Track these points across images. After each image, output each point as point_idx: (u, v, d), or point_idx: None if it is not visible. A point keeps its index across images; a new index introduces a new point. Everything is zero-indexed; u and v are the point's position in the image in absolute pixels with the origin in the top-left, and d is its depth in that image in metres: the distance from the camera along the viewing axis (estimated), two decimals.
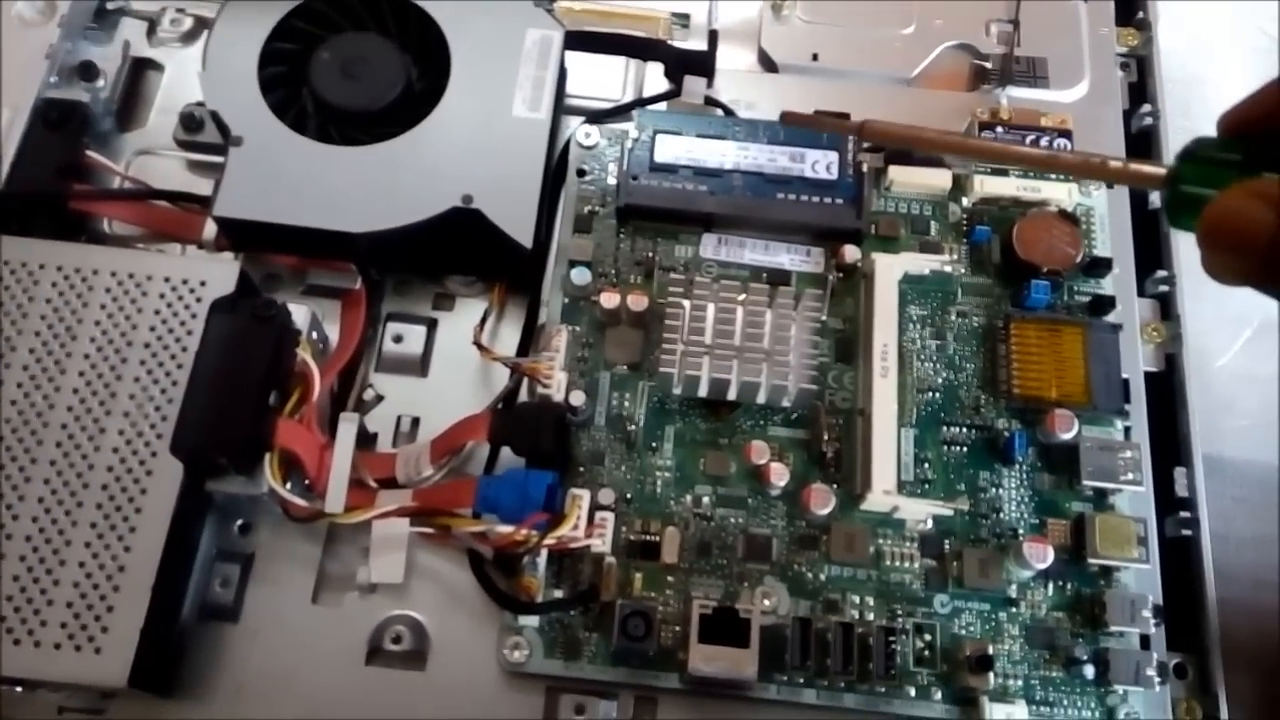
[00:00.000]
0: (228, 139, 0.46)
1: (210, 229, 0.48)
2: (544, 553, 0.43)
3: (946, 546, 0.45)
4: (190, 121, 0.51)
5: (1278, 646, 0.46)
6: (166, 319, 0.42)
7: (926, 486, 0.46)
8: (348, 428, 0.43)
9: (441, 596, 0.44)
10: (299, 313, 0.44)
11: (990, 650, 0.41)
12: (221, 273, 0.44)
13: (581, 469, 0.46)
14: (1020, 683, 0.43)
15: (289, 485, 0.42)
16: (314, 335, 0.45)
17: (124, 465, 0.40)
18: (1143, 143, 0.56)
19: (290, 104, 0.48)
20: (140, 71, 0.54)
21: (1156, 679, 0.42)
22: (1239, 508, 0.49)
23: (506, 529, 0.41)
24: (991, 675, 0.41)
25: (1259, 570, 0.48)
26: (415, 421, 0.47)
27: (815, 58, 0.57)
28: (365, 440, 0.46)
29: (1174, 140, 0.55)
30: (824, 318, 0.47)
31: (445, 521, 0.42)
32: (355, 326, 0.47)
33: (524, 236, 0.46)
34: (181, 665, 0.42)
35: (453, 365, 0.48)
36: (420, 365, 0.48)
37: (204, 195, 0.47)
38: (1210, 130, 0.31)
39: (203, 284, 0.43)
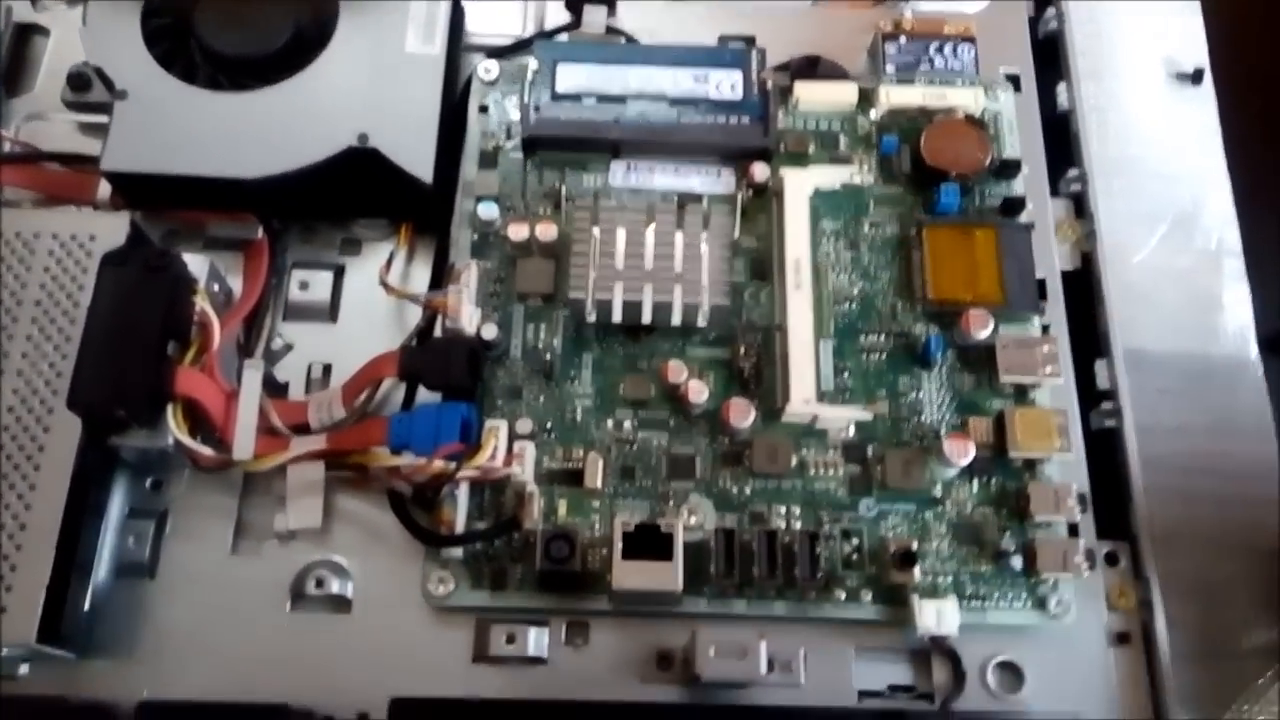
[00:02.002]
0: (113, 92, 0.45)
1: (104, 189, 0.47)
2: (464, 486, 0.42)
3: (870, 452, 0.45)
4: (78, 81, 0.49)
5: (1208, 530, 0.46)
6: (56, 275, 0.41)
7: (847, 395, 0.46)
8: (252, 374, 0.42)
9: (363, 538, 0.43)
10: (195, 262, 0.43)
11: (914, 546, 0.41)
12: (111, 226, 0.43)
13: (499, 402, 0.45)
14: (950, 579, 0.43)
15: (199, 439, 0.41)
16: (214, 287, 0.44)
17: (20, 424, 0.39)
18: (1049, 48, 0.56)
19: (178, 55, 0.47)
20: (26, 37, 0.52)
21: (1085, 565, 0.42)
22: (1163, 398, 0.49)
23: (419, 461, 0.40)
24: (917, 570, 0.41)
25: (1186, 458, 0.48)
26: (327, 369, 0.47)
27: None
28: (276, 389, 0.46)
29: (1082, 45, 0.55)
30: (735, 234, 0.47)
31: (359, 459, 0.41)
32: (258, 275, 0.46)
33: (423, 172, 0.45)
34: (98, 625, 0.41)
35: (363, 310, 0.48)
36: (329, 311, 0.48)
37: (95, 155, 0.46)
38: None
39: (92, 238, 0.42)
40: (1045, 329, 0.47)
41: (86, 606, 0.40)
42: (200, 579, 0.42)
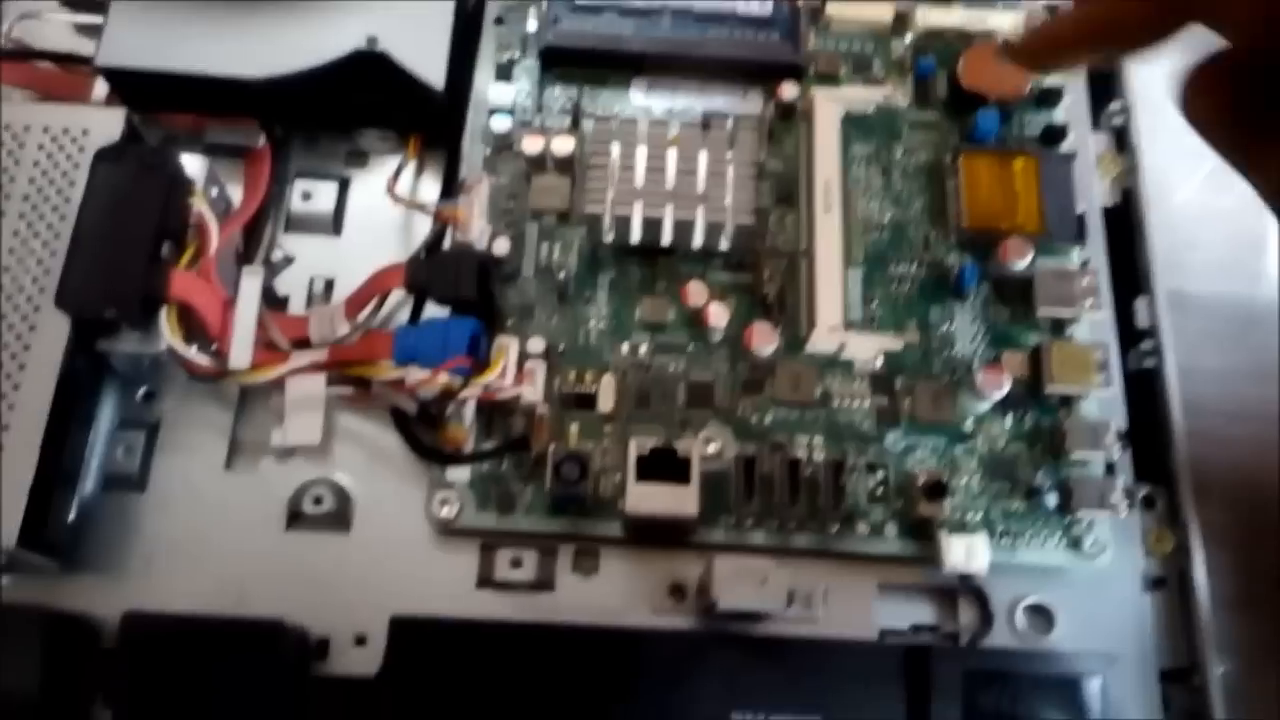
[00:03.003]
0: None
1: (100, 90, 0.45)
2: (471, 404, 0.40)
3: (898, 384, 0.42)
4: None
5: (1249, 477, 0.44)
6: (47, 170, 0.39)
7: (875, 325, 0.43)
8: (251, 280, 0.40)
9: (364, 457, 0.41)
10: (192, 162, 0.41)
11: (944, 478, 0.39)
12: (106, 121, 0.40)
13: (510, 321, 0.43)
14: (980, 515, 0.41)
15: (194, 348, 0.39)
16: (213, 191, 0.42)
17: (4, 321, 0.37)
18: None
19: None
20: None
21: (1124, 503, 0.40)
22: (1206, 341, 0.46)
23: (425, 373, 0.38)
24: (947, 503, 0.39)
25: (1227, 402, 0.45)
26: (329, 284, 0.44)
27: None
28: (276, 304, 0.44)
29: None
30: (762, 156, 0.45)
31: (361, 372, 0.39)
32: (259, 183, 0.43)
33: (435, 78, 0.43)
34: (85, 537, 0.39)
35: (368, 224, 0.45)
36: (332, 223, 0.45)
37: (91, 56, 0.43)
38: None
39: (85, 133, 0.40)
40: (1084, 264, 0.45)
41: (72, 517, 0.38)
42: (193, 494, 0.40)
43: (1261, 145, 0.25)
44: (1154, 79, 0.50)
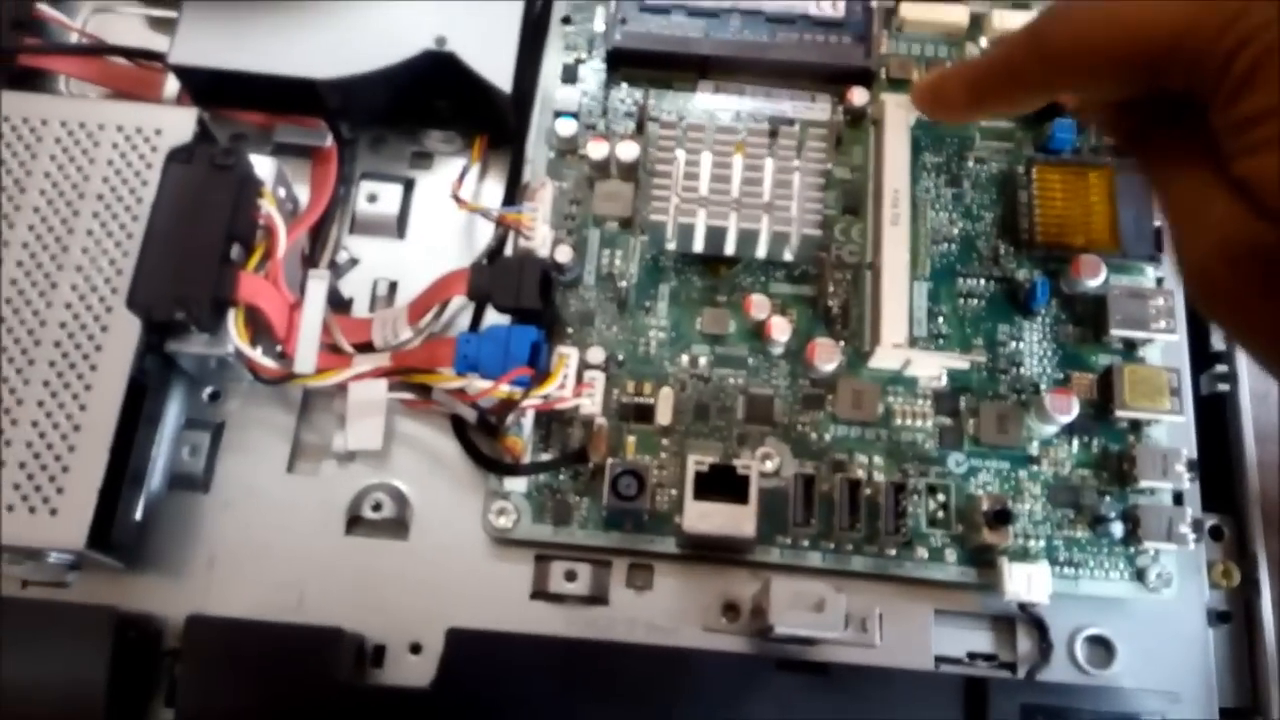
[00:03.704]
0: None
1: (172, 87, 0.45)
2: (530, 414, 0.40)
3: (962, 404, 0.42)
4: None
5: None
6: (120, 169, 0.40)
7: (941, 342, 0.43)
8: (317, 285, 0.40)
9: (423, 463, 0.41)
10: (262, 164, 0.41)
11: (1010, 504, 0.38)
12: (178, 121, 0.41)
13: (570, 329, 0.43)
14: (1042, 543, 0.40)
15: (260, 350, 0.39)
16: (281, 192, 0.42)
17: (78, 321, 0.37)
18: None
19: None
20: None
21: (1191, 536, 0.39)
22: None
23: (486, 383, 0.38)
24: (1011, 530, 0.38)
25: None
26: (393, 286, 0.45)
27: None
28: (340, 305, 0.44)
29: None
30: (829, 164, 0.44)
31: (423, 379, 0.40)
32: (326, 183, 0.44)
33: (502, 80, 0.42)
34: (150, 536, 0.40)
35: (432, 226, 0.45)
36: (397, 226, 0.45)
37: (163, 52, 0.43)
38: None
39: (158, 132, 0.40)
40: (1159, 281, 0.44)
41: (138, 517, 0.39)
42: (255, 496, 0.41)
43: None
44: None
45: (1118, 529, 0.40)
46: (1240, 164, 0.25)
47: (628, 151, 0.43)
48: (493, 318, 0.42)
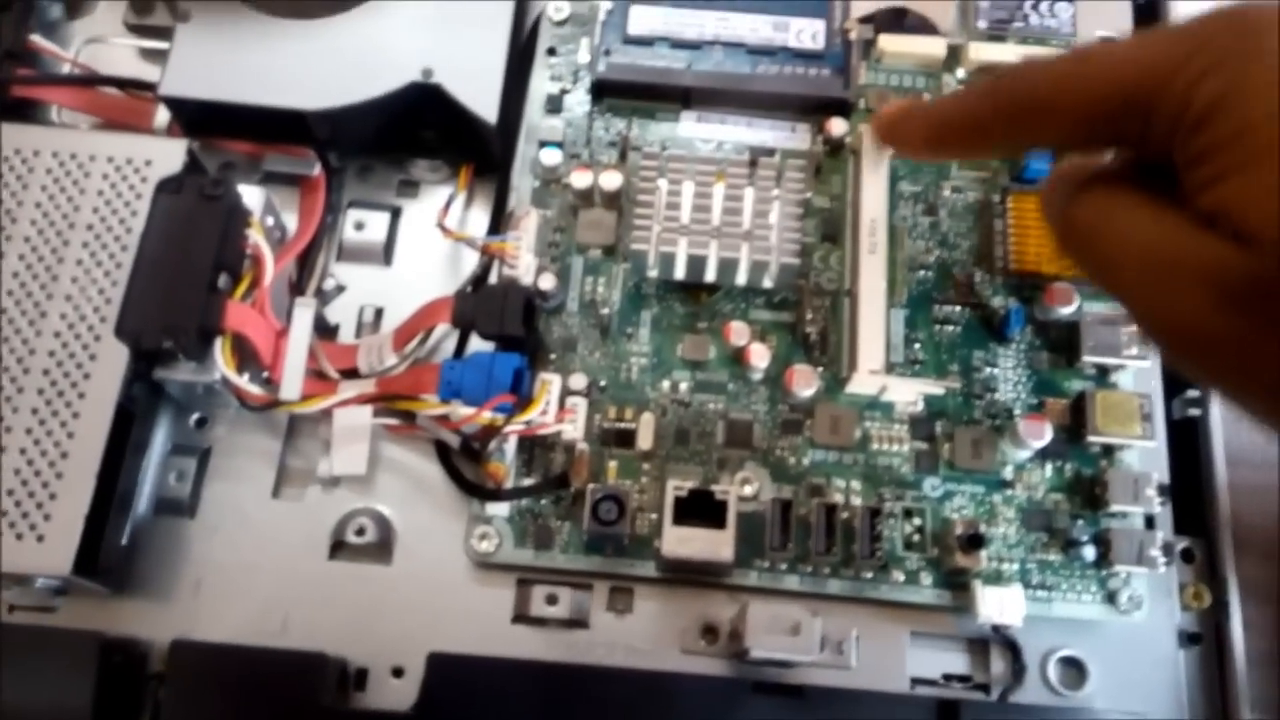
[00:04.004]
0: (175, 15, 0.44)
1: (162, 117, 0.46)
2: (513, 440, 0.41)
3: (938, 429, 0.42)
4: (141, 3, 0.48)
5: None
6: (110, 199, 0.40)
7: (917, 368, 0.43)
8: (303, 312, 0.41)
9: (407, 488, 0.42)
10: (250, 193, 0.42)
11: (982, 529, 0.39)
12: (167, 152, 0.41)
13: (553, 355, 0.43)
14: (1015, 566, 0.41)
15: (246, 377, 0.40)
16: (268, 220, 0.43)
17: (66, 349, 0.38)
18: (1149, 12, 0.52)
19: None
20: None
21: (1161, 559, 0.40)
22: None
23: (469, 410, 0.39)
24: (984, 554, 0.39)
25: (1271, 452, 0.45)
26: (379, 312, 0.45)
27: None
28: (326, 332, 0.45)
29: (1185, 11, 0.51)
30: (809, 194, 0.45)
31: (407, 406, 0.40)
32: (313, 212, 0.44)
33: (488, 112, 0.43)
34: (136, 561, 0.40)
35: (418, 254, 0.46)
36: (383, 254, 0.46)
37: (154, 82, 0.44)
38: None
39: (148, 163, 0.41)
40: None
41: (125, 542, 0.40)
42: (240, 521, 0.41)
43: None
44: None
45: (1090, 552, 0.40)
46: (1209, 195, 0.24)
47: (611, 181, 0.44)
48: (477, 344, 0.43)
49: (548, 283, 0.43)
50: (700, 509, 0.39)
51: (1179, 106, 0.24)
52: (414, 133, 0.46)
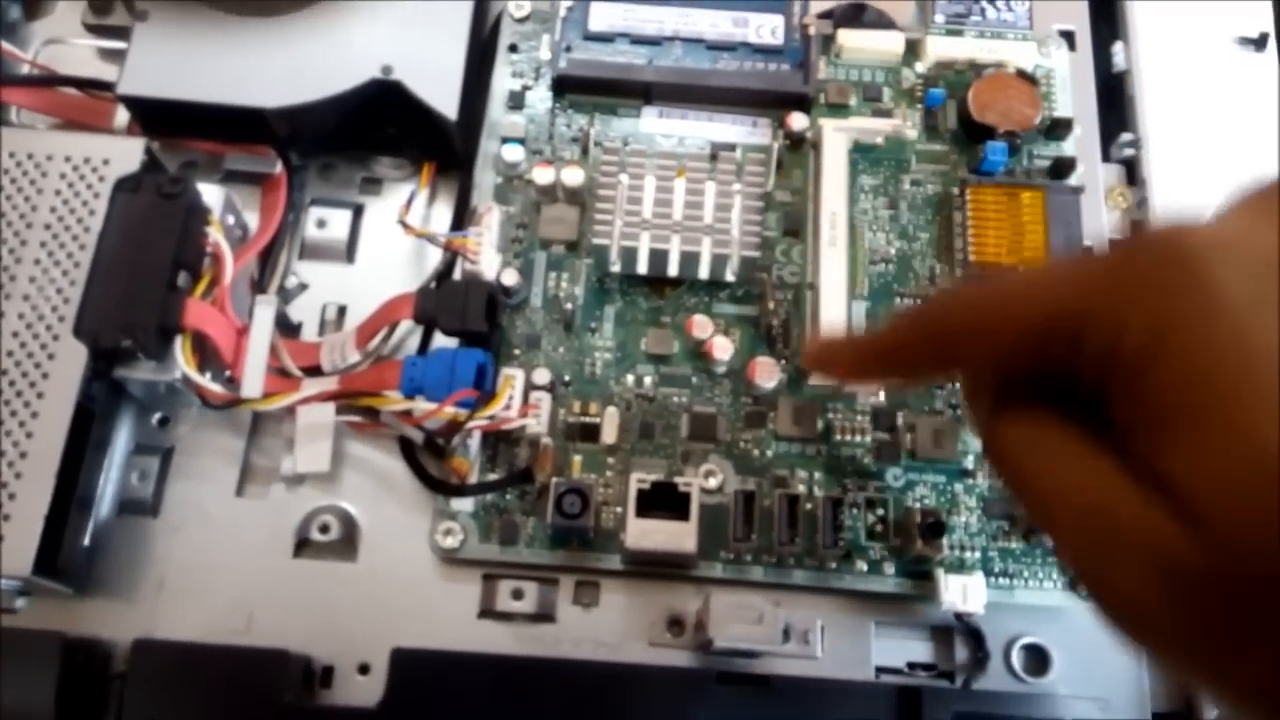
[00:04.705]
0: (133, 14, 0.43)
1: (122, 117, 0.46)
2: (477, 436, 0.41)
3: (900, 419, 0.43)
4: (99, 4, 0.48)
5: None
6: (68, 199, 0.40)
7: None
8: (264, 310, 0.41)
9: (371, 485, 0.42)
10: (210, 191, 0.41)
11: (943, 517, 0.40)
12: (125, 151, 0.41)
13: (517, 351, 0.43)
14: (978, 555, 0.41)
15: (208, 375, 0.40)
16: (229, 219, 0.43)
17: (24, 349, 0.38)
18: (1106, 6, 0.53)
19: None
20: None
21: None
22: None
23: (432, 405, 0.39)
24: (945, 543, 0.39)
25: None
26: (341, 310, 0.45)
27: None
28: (289, 330, 0.44)
29: (1140, 4, 0.52)
30: (769, 187, 0.45)
31: (370, 402, 0.40)
32: (275, 209, 0.44)
33: (448, 108, 0.43)
34: (99, 561, 0.40)
35: (381, 252, 0.46)
36: (346, 251, 0.46)
37: (113, 82, 0.44)
38: None
39: (105, 162, 0.41)
40: None
41: (87, 542, 0.40)
42: (204, 520, 0.41)
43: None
44: (1165, 109, 0.50)
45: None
46: (1151, 456, 0.20)
47: (573, 177, 0.44)
48: (440, 341, 0.43)
49: (511, 278, 0.43)
50: (664, 501, 0.39)
51: (1108, 344, 0.21)
52: (375, 130, 0.45)
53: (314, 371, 0.42)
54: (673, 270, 0.43)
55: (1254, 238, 0.20)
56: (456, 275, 0.44)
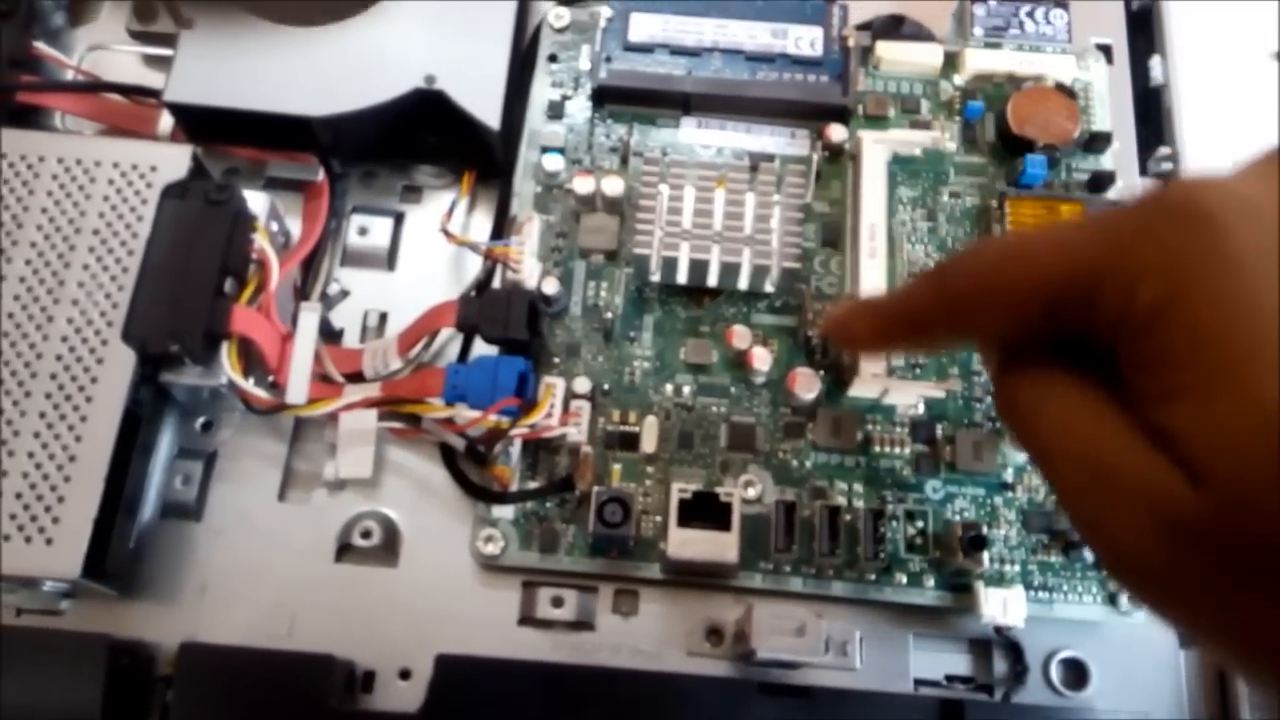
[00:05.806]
0: (179, 22, 0.44)
1: (166, 123, 0.46)
2: (517, 443, 0.41)
3: (939, 431, 0.43)
4: (144, 10, 0.48)
5: None
6: (116, 205, 0.40)
7: (918, 371, 0.44)
8: (309, 317, 0.41)
9: (412, 491, 0.42)
10: (256, 199, 0.42)
11: (985, 530, 0.40)
12: (173, 157, 0.42)
13: (557, 360, 0.44)
14: (1017, 568, 0.41)
15: (252, 381, 0.40)
16: (273, 226, 0.43)
17: (74, 354, 0.38)
18: (1143, 20, 0.53)
19: None
20: None
21: None
22: None
23: (474, 413, 0.39)
24: (986, 556, 0.39)
25: None
26: (383, 317, 0.45)
27: None
28: (331, 336, 0.45)
29: (1177, 18, 0.52)
30: (808, 198, 0.45)
31: (412, 409, 0.40)
32: (317, 217, 0.45)
33: (490, 118, 0.44)
34: (143, 564, 0.40)
35: (421, 259, 0.46)
36: (387, 259, 0.46)
37: (157, 88, 0.45)
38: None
39: (154, 169, 0.41)
40: None
41: (132, 545, 0.40)
42: (247, 524, 0.41)
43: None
44: (1202, 123, 0.50)
45: (1090, 553, 0.41)
46: (1157, 412, 0.21)
47: (613, 186, 0.45)
48: (481, 348, 0.43)
49: (551, 287, 0.43)
50: (705, 511, 0.39)
51: (1122, 302, 0.21)
52: (417, 139, 0.46)
53: (356, 378, 0.43)
54: (712, 280, 0.43)
55: (1272, 197, 0.20)
56: (496, 284, 0.44)
